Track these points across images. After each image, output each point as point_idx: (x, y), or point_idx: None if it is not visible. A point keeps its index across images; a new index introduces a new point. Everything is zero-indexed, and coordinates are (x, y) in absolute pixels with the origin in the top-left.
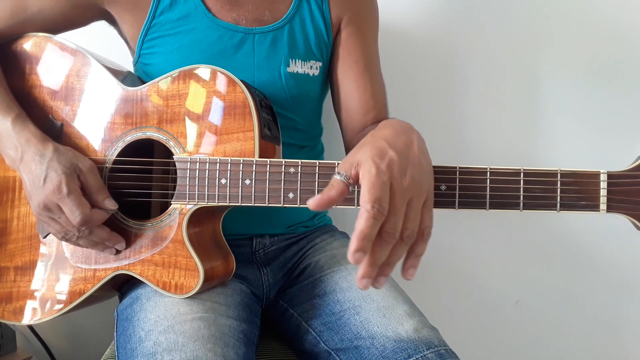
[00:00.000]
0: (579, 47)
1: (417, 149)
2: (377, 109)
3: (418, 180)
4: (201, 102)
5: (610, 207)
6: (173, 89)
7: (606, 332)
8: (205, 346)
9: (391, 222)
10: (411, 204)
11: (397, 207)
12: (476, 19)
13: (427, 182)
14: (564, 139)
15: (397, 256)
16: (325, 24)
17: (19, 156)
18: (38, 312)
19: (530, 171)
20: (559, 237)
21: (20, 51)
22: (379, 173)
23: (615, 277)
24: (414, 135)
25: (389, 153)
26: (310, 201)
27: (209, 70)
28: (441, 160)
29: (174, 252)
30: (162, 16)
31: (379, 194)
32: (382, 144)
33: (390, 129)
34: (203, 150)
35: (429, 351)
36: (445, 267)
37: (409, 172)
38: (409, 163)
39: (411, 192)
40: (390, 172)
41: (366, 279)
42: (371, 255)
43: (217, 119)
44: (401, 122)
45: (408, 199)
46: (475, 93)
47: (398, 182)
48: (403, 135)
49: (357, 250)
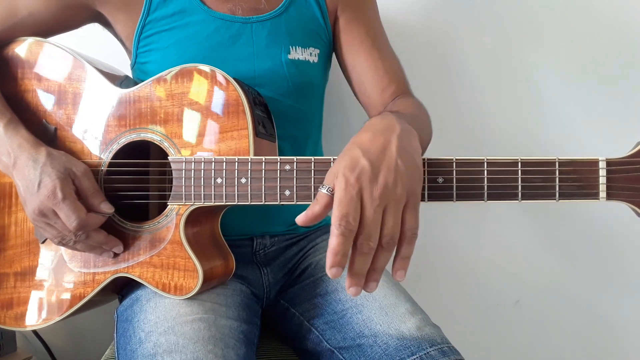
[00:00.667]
0: (575, 34)
1: (394, 151)
2: (394, 84)
3: (392, 185)
4: (194, 101)
5: (610, 195)
6: (165, 89)
7: (606, 332)
8: (205, 347)
9: (364, 234)
10: (387, 210)
11: (369, 218)
12: (472, 9)
13: (407, 184)
14: (562, 127)
15: (382, 263)
16: (321, 10)
17: (12, 162)
18: (39, 317)
19: (527, 161)
20: (559, 237)
21: (12, 55)
22: (347, 187)
23: (615, 277)
24: (393, 135)
25: (360, 162)
26: (298, 219)
27: (202, 69)
28: (438, 153)
29: (172, 254)
30: (156, 12)
31: (345, 210)
32: (356, 153)
33: (369, 132)
34: (198, 150)
35: (432, 349)
36: (445, 266)
37: (381, 178)
38: (383, 168)
39: (385, 199)
40: (360, 184)
41: (354, 287)
42: (352, 268)
43: (210, 118)
44: (384, 120)
45: (383, 206)
46: (471, 84)
47: (369, 192)
48: (381, 136)
49: (333, 266)
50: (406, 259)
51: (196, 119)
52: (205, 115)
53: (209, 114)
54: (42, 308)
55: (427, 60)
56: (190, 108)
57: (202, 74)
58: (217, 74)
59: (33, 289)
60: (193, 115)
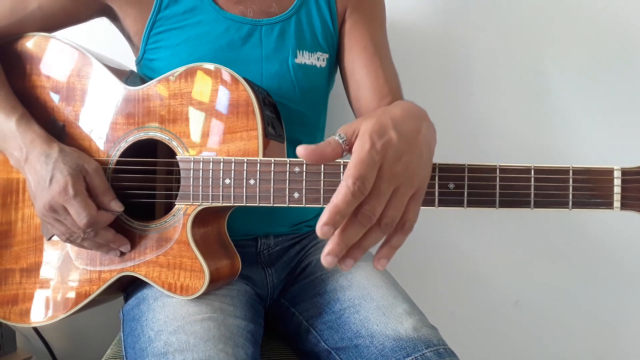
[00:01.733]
0: (590, 39)
1: (422, 138)
2: (391, 95)
3: (412, 170)
4: (203, 100)
5: (624, 205)
6: (175, 88)
7: (606, 332)
8: (216, 346)
9: (370, 205)
10: (397, 192)
11: (380, 191)
12: (483, 13)
13: (422, 175)
14: (576, 134)
15: (371, 241)
16: (331, 14)
17: (24, 157)
18: (44, 314)
19: (541, 168)
20: (559, 237)
21: (22, 51)
22: (372, 150)
23: (615, 277)
24: (424, 123)
25: (389, 133)
26: (300, 147)
27: (211, 68)
28: (450, 159)
29: (179, 254)
30: (167, 9)
31: (364, 172)
32: (387, 121)
33: (402, 111)
34: (206, 150)
35: (428, 350)
36: (445, 266)
37: (405, 158)
38: (408, 149)
39: (401, 179)
40: (384, 153)
41: (331, 256)
42: (342, 233)
43: (220, 118)
44: (417, 107)
45: (395, 185)
46: (485, 89)
47: (389, 165)
48: (413, 120)
49: (327, 224)
50: (394, 248)
51: (205, 119)
52: (215, 115)
53: (218, 114)
54: (47, 305)
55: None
56: (199, 107)
57: (211, 73)
58: (228, 74)
59: (38, 286)
60: (202, 115)
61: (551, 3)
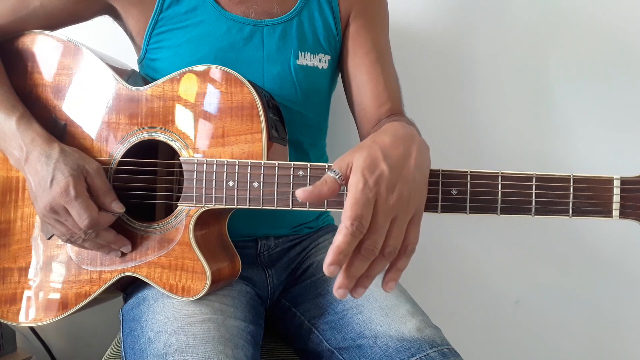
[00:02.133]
0: (593, 46)
1: (413, 163)
2: (391, 102)
3: (406, 198)
4: (208, 102)
5: (623, 213)
6: (179, 89)
7: (606, 332)
8: (216, 348)
9: (371, 239)
10: (395, 222)
11: (379, 225)
12: (486, 19)
13: (418, 199)
14: (578, 141)
15: (377, 270)
16: (334, 17)
17: (24, 156)
18: (42, 313)
19: (542, 176)
20: (559, 237)
21: (23, 49)
22: (365, 188)
23: (615, 277)
24: (414, 146)
25: (380, 166)
26: (299, 191)
27: (216, 70)
28: (452, 164)
29: (180, 255)
30: (169, 9)
31: (360, 212)
32: (377, 154)
33: (391, 137)
34: (210, 152)
35: (432, 350)
36: (445, 267)
37: (398, 188)
38: (400, 178)
39: (397, 209)
40: (377, 188)
41: (342, 289)
42: (348, 268)
43: (224, 120)
44: (405, 128)
45: (393, 216)
46: (487, 95)
47: (384, 199)
48: (402, 145)
49: (333, 264)
50: (400, 271)
51: (209, 121)
52: (219, 117)
53: (222, 116)
54: (46, 304)
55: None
56: (203, 109)
57: (216, 75)
58: (233, 77)
59: (37, 285)
60: (206, 117)
61: (554, 9)
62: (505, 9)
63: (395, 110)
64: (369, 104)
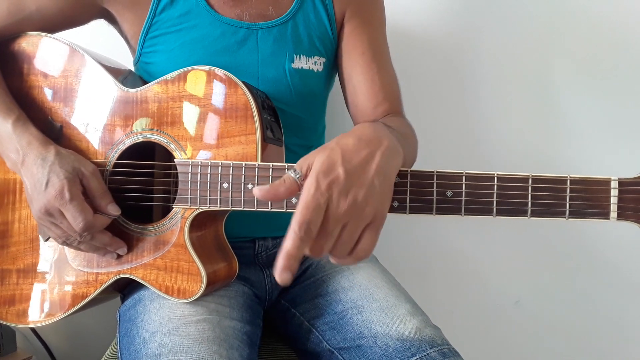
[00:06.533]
0: (592, 47)
1: (374, 167)
2: (388, 102)
3: (362, 204)
4: (202, 104)
5: (620, 215)
6: (174, 91)
7: (606, 332)
8: (210, 348)
9: (319, 244)
10: (346, 227)
11: (327, 231)
12: (486, 18)
13: (376, 205)
14: (576, 141)
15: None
16: (329, 19)
17: (21, 159)
18: (40, 315)
19: (538, 177)
20: (559, 237)
21: (19, 51)
22: (317, 193)
23: (615, 277)
24: (378, 151)
25: (336, 170)
26: (256, 189)
27: (210, 72)
28: (448, 165)
29: (176, 257)
30: (163, 13)
31: (308, 217)
32: (336, 157)
33: (356, 140)
34: (204, 154)
35: (432, 350)
36: (445, 267)
37: (353, 193)
38: (357, 183)
39: (349, 215)
40: (330, 193)
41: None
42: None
43: (218, 122)
44: (375, 131)
45: (343, 223)
46: (484, 96)
47: (335, 205)
48: (366, 148)
49: (285, 270)
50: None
51: (203, 122)
52: (213, 118)
53: (217, 118)
54: (44, 306)
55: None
56: (197, 110)
57: (210, 76)
58: (226, 78)
59: (35, 287)
60: (200, 118)
61: (555, 10)
62: (506, 10)
63: (392, 111)
64: (365, 105)
